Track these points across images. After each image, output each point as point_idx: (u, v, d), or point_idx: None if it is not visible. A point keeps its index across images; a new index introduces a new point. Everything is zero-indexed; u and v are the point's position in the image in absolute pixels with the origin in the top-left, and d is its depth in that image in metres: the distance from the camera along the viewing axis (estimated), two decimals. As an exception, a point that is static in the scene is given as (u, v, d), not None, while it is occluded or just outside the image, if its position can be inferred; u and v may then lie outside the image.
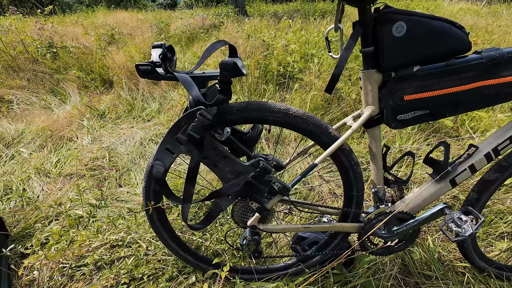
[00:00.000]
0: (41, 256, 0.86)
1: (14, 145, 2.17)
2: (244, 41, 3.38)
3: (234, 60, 0.64)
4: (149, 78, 0.66)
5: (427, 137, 1.84)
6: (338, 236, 1.01)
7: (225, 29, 4.76)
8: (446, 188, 0.87)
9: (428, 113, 0.75)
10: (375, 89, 0.73)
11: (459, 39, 0.68)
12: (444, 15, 6.02)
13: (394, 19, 0.63)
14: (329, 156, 0.85)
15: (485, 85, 0.70)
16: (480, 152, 0.83)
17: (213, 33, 5.15)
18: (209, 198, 0.72)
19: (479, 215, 0.80)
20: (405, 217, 0.91)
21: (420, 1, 7.65)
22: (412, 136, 1.81)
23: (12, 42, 3.46)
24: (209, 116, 0.61)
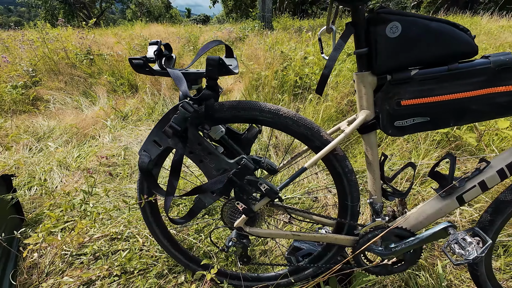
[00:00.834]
0: (40, 238, 0.91)
1: (44, 139, 2.37)
2: (264, 53, 3.45)
3: (222, 58, 0.65)
4: (143, 72, 0.69)
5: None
6: (332, 249, 0.96)
7: (249, 41, 4.90)
8: (452, 205, 0.79)
9: (429, 120, 0.70)
10: (370, 92, 0.70)
11: (463, 42, 0.63)
12: (481, 32, 5.69)
13: (388, 19, 0.61)
14: (323, 162, 0.82)
15: (494, 92, 0.65)
16: (492, 168, 0.75)
17: (238, 45, 5.34)
18: (192, 193, 0.72)
19: (487, 238, 0.72)
20: (404, 234, 0.83)
21: (454, 19, 7.34)
22: (430, 152, 1.69)
23: (57, 49, 3.84)
24: (191, 109, 0.62)
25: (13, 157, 1.95)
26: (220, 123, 0.79)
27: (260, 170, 1.71)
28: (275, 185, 0.83)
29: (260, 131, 0.93)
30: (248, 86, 2.99)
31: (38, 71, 3.55)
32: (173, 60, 0.77)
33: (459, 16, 8.01)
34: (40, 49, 3.71)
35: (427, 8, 14.28)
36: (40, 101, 3.18)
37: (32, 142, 2.26)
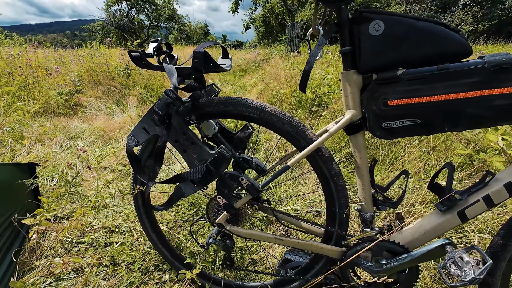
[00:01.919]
0: (36, 220, 0.97)
1: (74, 139, 2.59)
2: (285, 72, 3.54)
3: (207, 52, 0.69)
4: (141, 66, 0.75)
5: (469, 176, 1.56)
6: (320, 261, 0.89)
7: (273, 63, 5.07)
8: (453, 221, 0.71)
9: (420, 123, 0.66)
10: (355, 91, 0.69)
11: (454, 42, 0.61)
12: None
13: (370, 18, 0.61)
14: (309, 163, 0.80)
15: (492, 94, 0.60)
16: (499, 181, 0.67)
17: (262, 65, 5.55)
18: (172, 181, 0.73)
19: (487, 257, 0.62)
20: (397, 249, 0.76)
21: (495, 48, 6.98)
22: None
23: (101, 64, 4.31)
24: (172, 95, 0.66)
25: (45, 150, 2.15)
26: (210, 117, 0.81)
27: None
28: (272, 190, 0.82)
29: (252, 132, 0.94)
30: (267, 103, 3.06)
31: (82, 81, 3.97)
32: (175, 59, 0.83)
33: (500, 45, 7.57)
34: (87, 63, 4.18)
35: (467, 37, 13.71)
36: (79, 107, 3.52)
37: (64, 140, 2.48)
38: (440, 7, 12.47)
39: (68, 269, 1.09)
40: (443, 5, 12.36)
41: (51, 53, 5.57)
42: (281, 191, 1.63)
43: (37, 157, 1.94)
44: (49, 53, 5.49)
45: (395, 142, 2.12)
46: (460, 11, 13.14)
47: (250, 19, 19.87)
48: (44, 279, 1.04)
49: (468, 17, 12.74)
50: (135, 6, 25.18)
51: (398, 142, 2.09)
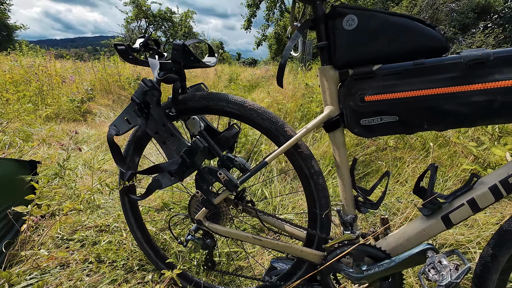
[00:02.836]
0: (28, 208, 0.99)
1: (81, 143, 2.67)
2: (292, 87, 3.58)
3: (186, 45, 0.71)
4: (128, 61, 0.78)
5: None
6: (302, 266, 0.86)
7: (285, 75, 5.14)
8: (437, 227, 0.68)
9: (398, 120, 0.64)
10: (333, 87, 0.68)
11: (430, 37, 0.60)
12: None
13: (344, 13, 0.62)
14: (289, 161, 0.79)
15: (469, 90, 0.58)
16: (484, 184, 0.64)
17: (271, 81, 5.64)
18: (150, 172, 0.74)
19: (465, 261, 0.58)
20: (378, 255, 0.72)
21: None
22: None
23: (113, 74, 4.50)
24: (149, 83, 0.68)
25: (50, 151, 2.22)
26: (193, 112, 0.82)
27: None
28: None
29: (239, 131, 0.94)
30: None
31: (94, 90, 4.15)
32: (164, 57, 0.86)
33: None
34: (100, 73, 4.38)
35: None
36: (89, 114, 3.66)
37: (70, 144, 2.56)
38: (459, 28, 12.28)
39: (55, 263, 1.09)
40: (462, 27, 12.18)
41: (69, 63, 5.88)
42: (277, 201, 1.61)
43: (41, 157, 2.00)
44: (66, 64, 5.80)
45: (399, 158, 2.07)
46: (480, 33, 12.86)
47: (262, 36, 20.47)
48: (31, 271, 1.05)
49: (489, 39, 12.43)
50: (153, 23, 26.53)
51: (403, 158, 2.04)
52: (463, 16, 12.29)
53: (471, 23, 12.04)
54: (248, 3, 17.93)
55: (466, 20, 11.97)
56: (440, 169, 1.86)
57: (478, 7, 11.71)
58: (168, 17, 26.73)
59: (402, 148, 2.21)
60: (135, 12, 24.65)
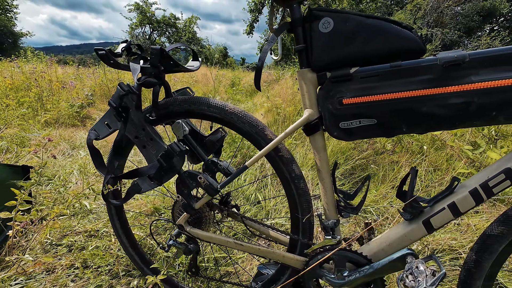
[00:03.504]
0: (11, 214, 0.99)
1: (78, 148, 2.68)
2: (292, 91, 3.59)
3: (164, 49, 0.71)
4: (109, 65, 0.78)
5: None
6: (286, 271, 0.84)
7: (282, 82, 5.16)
8: (418, 231, 0.66)
9: (377, 123, 0.63)
10: (311, 90, 0.68)
11: (406, 39, 0.60)
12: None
13: (320, 16, 0.62)
14: (271, 165, 0.78)
15: (446, 92, 0.57)
16: (465, 187, 0.63)
17: (273, 85, 5.67)
18: (129, 176, 0.73)
19: (441, 266, 0.56)
20: (359, 260, 0.70)
21: None
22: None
23: (113, 79, 4.55)
24: (125, 88, 0.68)
25: (45, 156, 2.23)
26: (175, 116, 0.82)
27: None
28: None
29: (225, 135, 0.94)
30: (271, 121, 3.09)
31: (94, 95, 4.19)
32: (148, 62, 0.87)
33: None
34: (100, 78, 4.43)
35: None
36: (88, 119, 3.68)
37: (67, 149, 2.57)
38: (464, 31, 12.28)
39: (41, 269, 1.08)
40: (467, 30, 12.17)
41: (71, 69, 5.96)
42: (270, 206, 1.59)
43: (37, 163, 2.01)
44: (69, 69, 5.88)
45: (396, 162, 2.05)
46: (486, 36, 12.79)
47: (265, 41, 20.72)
48: (16, 277, 1.04)
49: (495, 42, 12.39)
50: (157, 29, 26.89)
51: (399, 162, 2.02)
52: (468, 19, 12.21)
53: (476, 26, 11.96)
54: (250, 8, 18.11)
55: (471, 23, 11.90)
56: (437, 172, 1.84)
57: (483, 10, 11.66)
58: (172, 23, 27.10)
59: (399, 152, 2.19)
60: (140, 18, 25.03)
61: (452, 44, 13.83)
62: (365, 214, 1.49)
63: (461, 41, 13.31)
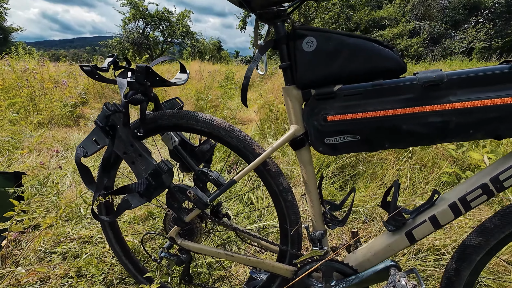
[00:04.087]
0: (6, 225, 1.00)
1: (72, 150, 2.67)
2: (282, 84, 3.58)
3: (150, 66, 0.72)
4: (95, 79, 0.79)
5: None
6: (276, 280, 0.87)
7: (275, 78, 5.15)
8: (401, 242, 0.69)
9: (361, 139, 0.65)
10: (296, 106, 0.69)
11: (387, 58, 0.61)
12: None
13: (303, 35, 0.62)
14: (260, 178, 0.79)
15: (425, 111, 0.59)
16: (445, 201, 0.65)
17: (266, 81, 5.65)
18: (119, 192, 0.74)
19: (421, 282, 0.59)
20: (346, 270, 0.73)
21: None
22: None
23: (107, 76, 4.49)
24: (111, 108, 0.68)
25: (39, 160, 2.23)
26: (164, 130, 0.83)
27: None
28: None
29: (214, 145, 0.95)
30: (264, 118, 3.10)
31: (87, 94, 4.14)
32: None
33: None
34: (94, 76, 4.37)
35: (479, 54, 13.61)
36: (82, 118, 3.65)
37: (61, 150, 2.56)
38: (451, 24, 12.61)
39: (35, 279, 1.10)
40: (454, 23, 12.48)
41: (63, 66, 5.86)
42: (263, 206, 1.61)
43: (29, 166, 2.01)
44: (61, 67, 5.78)
45: (385, 159, 2.08)
46: (472, 28, 13.16)
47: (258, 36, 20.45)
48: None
49: (480, 34, 12.74)
50: (150, 24, 26.43)
51: (388, 159, 2.05)
52: (454, 12, 12.46)
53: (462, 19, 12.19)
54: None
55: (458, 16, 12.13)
56: (423, 170, 1.87)
57: (469, 3, 11.88)
58: (165, 17, 26.63)
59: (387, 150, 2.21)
60: (132, 12, 24.55)
61: (440, 37, 14.04)
62: (355, 215, 1.52)
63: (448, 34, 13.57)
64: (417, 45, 13.93)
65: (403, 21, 16.07)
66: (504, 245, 0.63)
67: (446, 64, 10.81)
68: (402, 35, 14.93)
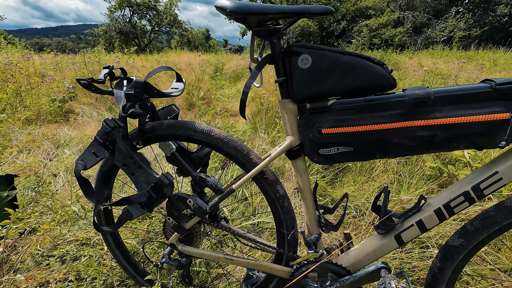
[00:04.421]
0: (3, 232, 1.00)
1: (62, 147, 2.63)
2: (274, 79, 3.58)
3: (148, 82, 0.72)
4: (91, 91, 0.79)
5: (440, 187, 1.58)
6: (273, 280, 0.92)
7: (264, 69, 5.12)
8: (391, 245, 0.74)
9: (353, 150, 0.68)
10: (292, 119, 0.71)
11: (378, 75, 0.64)
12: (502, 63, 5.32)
13: (299, 52, 0.64)
14: (257, 186, 0.82)
15: (413, 126, 0.62)
16: (430, 206, 0.70)
17: (257, 73, 5.63)
18: (120, 204, 0.76)
19: (410, 285, 0.64)
20: (339, 271, 0.78)
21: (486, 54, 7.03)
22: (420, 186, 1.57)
23: (95, 70, 4.37)
24: (111, 124, 0.69)
25: (30, 159, 2.19)
26: (162, 139, 0.84)
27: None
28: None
29: (210, 151, 0.97)
30: (255, 111, 3.10)
31: (76, 88, 4.03)
32: (133, 82, 0.86)
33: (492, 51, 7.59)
34: (81, 70, 4.25)
35: (459, 43, 13.92)
36: (71, 113, 3.58)
37: (51, 148, 2.52)
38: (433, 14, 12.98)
39: (34, 284, 1.11)
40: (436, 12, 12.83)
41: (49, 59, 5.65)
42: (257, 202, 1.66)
43: (20, 167, 1.98)
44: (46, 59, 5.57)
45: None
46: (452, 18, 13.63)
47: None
48: (10, 294, 1.07)
49: (460, 23, 13.17)
50: (137, 12, 25.52)
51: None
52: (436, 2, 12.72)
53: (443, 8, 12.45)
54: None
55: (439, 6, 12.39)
56: (408, 164, 1.94)
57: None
58: (152, 5, 25.72)
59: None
60: (118, 0, 23.59)
61: (422, 26, 14.35)
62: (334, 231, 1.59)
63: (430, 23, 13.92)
64: (401, 34, 14.21)
65: (387, 11, 16.16)
66: (483, 245, 0.69)
67: (428, 53, 10.96)
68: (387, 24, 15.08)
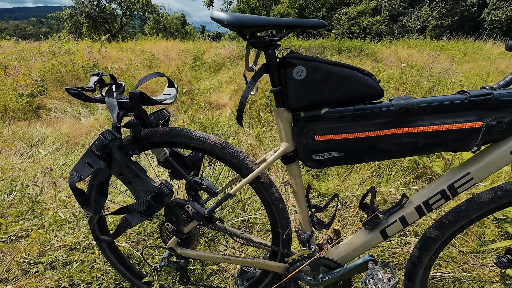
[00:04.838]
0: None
1: (37, 146, 2.49)
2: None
3: (144, 92, 0.72)
4: (81, 99, 0.76)
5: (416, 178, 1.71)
6: (269, 275, 0.97)
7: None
8: (377, 239, 0.81)
9: (344, 155, 0.73)
10: (287, 126, 0.75)
11: (367, 86, 0.68)
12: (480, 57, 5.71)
13: (293, 64, 0.67)
14: (253, 190, 0.86)
15: (398, 133, 0.68)
16: (411, 203, 0.77)
17: (237, 62, 5.54)
18: (119, 213, 0.76)
19: (394, 276, 0.72)
20: (331, 265, 0.85)
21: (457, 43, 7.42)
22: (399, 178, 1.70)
23: (65, 62, 4.09)
24: (109, 137, 0.68)
25: (2, 161, 2.06)
26: (157, 146, 0.84)
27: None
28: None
29: (203, 155, 0.98)
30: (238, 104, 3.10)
31: (45, 81, 3.76)
32: (122, 87, 0.84)
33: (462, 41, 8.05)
34: (50, 61, 3.95)
35: (432, 32, 14.60)
36: (42, 109, 3.35)
37: (24, 148, 2.37)
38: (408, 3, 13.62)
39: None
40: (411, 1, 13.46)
41: (10, 48, 5.18)
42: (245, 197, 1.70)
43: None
44: (7, 48, 5.11)
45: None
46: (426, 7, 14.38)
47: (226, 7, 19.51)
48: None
49: (434, 12, 13.92)
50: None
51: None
52: None
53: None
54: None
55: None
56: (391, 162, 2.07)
57: None
58: (122, -14, 24.05)
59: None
60: (83, -20, 21.77)
61: (399, 15, 14.94)
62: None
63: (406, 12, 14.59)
64: (378, 23, 14.66)
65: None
66: (455, 236, 0.78)
67: (403, 42, 11.38)
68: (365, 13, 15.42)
